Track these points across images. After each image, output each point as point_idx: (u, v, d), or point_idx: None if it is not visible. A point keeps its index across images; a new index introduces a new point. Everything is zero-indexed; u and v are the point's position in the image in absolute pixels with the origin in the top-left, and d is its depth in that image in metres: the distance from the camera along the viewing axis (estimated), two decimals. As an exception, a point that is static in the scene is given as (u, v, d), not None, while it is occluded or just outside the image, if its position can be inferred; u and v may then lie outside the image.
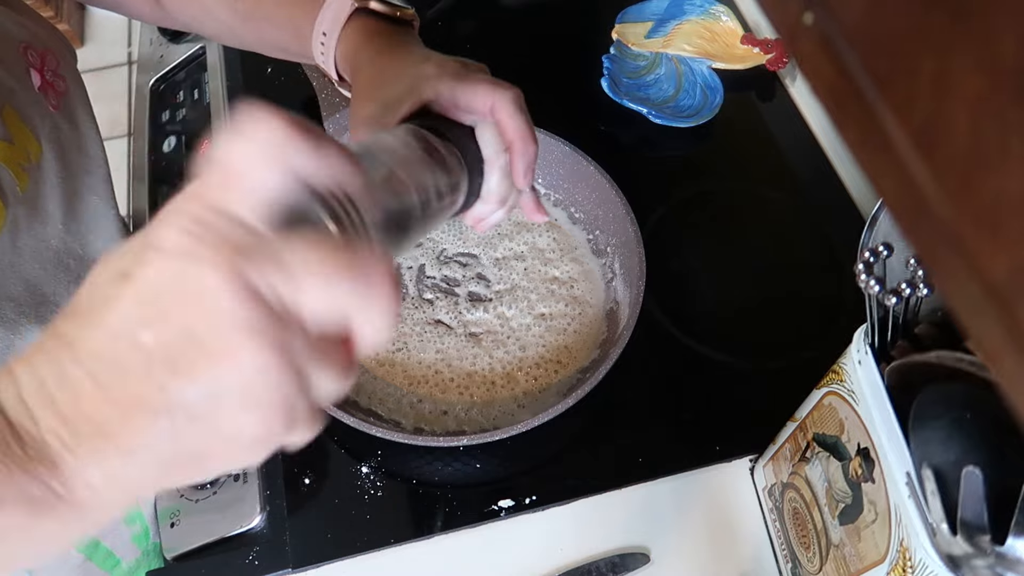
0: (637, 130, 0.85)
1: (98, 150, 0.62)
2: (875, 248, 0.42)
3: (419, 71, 0.45)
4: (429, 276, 0.72)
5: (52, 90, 0.56)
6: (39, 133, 0.54)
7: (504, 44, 0.96)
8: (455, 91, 0.44)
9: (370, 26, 0.50)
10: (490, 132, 0.44)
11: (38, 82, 0.55)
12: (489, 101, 0.43)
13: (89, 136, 0.61)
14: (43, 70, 0.56)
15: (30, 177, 0.52)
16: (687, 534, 0.63)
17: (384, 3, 0.51)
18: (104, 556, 0.63)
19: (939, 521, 0.38)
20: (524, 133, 0.45)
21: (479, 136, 0.45)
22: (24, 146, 0.52)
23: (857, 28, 0.19)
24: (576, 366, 0.67)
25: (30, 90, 0.54)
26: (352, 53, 0.50)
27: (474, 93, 0.44)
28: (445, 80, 0.44)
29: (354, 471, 0.64)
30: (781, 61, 0.87)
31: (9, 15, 0.55)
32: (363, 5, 0.50)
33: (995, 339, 0.18)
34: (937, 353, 0.40)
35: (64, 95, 0.58)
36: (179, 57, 0.93)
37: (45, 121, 0.55)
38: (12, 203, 0.51)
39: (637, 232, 0.67)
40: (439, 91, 0.44)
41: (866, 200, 0.79)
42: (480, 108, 0.44)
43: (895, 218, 0.20)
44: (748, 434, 0.64)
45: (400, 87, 0.45)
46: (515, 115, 0.44)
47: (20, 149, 0.52)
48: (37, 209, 0.54)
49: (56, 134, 0.56)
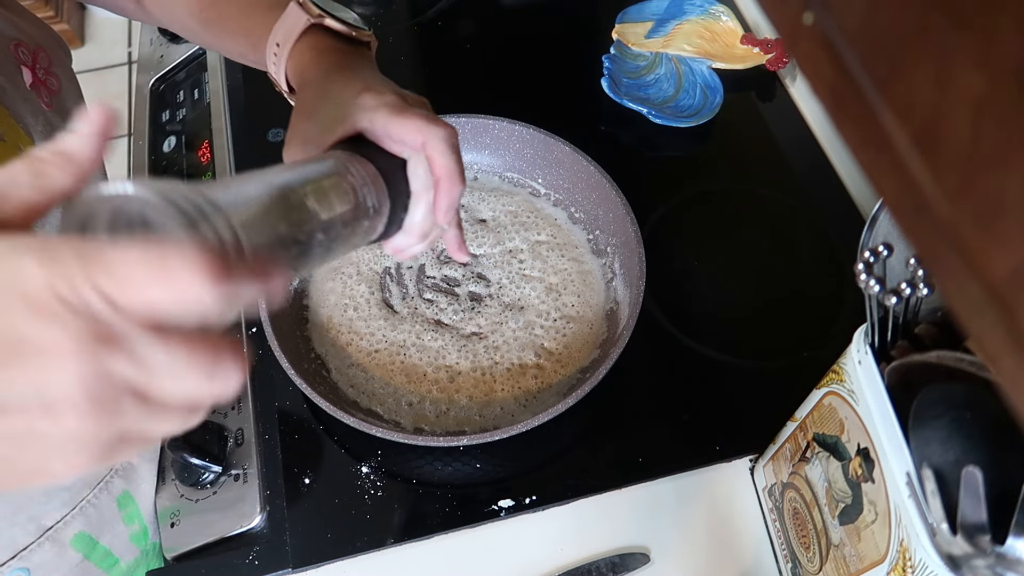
0: (637, 130, 0.85)
1: None
2: (875, 248, 0.42)
3: (358, 99, 0.45)
4: (429, 276, 0.72)
5: (44, 88, 0.57)
6: (32, 131, 0.54)
7: (504, 44, 0.96)
8: (388, 123, 0.44)
9: (323, 43, 0.51)
10: (421, 167, 0.45)
11: (29, 79, 0.55)
12: (421, 137, 0.44)
13: None
14: (35, 68, 0.56)
15: None
16: (687, 534, 0.63)
17: (340, 22, 0.51)
18: (102, 555, 0.63)
19: (939, 521, 0.38)
20: (452, 172, 0.45)
21: (410, 170, 0.45)
22: (15, 143, 0.52)
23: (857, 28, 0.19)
24: (576, 366, 0.67)
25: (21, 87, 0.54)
26: (301, 68, 0.51)
27: (407, 127, 0.44)
28: (381, 111, 0.44)
29: (354, 471, 0.64)
30: (781, 61, 0.87)
31: (1, 14, 0.55)
32: (318, 22, 0.50)
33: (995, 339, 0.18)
34: (937, 353, 0.40)
35: (57, 93, 0.58)
36: (179, 57, 0.93)
37: (38, 119, 0.55)
38: None
39: (637, 232, 0.67)
40: (374, 121, 0.44)
41: (866, 200, 0.79)
42: (411, 143, 0.45)
43: (895, 218, 0.20)
44: (748, 434, 0.64)
45: (338, 112, 0.45)
46: (445, 153, 0.45)
47: (11, 146, 0.52)
48: None
49: (49, 132, 0.56)
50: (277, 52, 0.52)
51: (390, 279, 0.72)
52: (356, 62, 0.50)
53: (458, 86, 0.91)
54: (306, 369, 0.64)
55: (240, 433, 0.65)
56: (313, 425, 0.67)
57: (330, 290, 0.71)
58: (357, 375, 0.67)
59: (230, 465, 0.64)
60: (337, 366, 0.68)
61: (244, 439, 0.65)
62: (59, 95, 0.58)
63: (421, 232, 0.47)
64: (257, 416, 0.67)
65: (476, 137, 0.77)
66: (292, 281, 0.34)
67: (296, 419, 0.67)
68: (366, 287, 0.71)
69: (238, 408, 0.67)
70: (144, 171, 0.86)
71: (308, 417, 0.67)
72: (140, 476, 0.64)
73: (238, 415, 0.66)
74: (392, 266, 0.73)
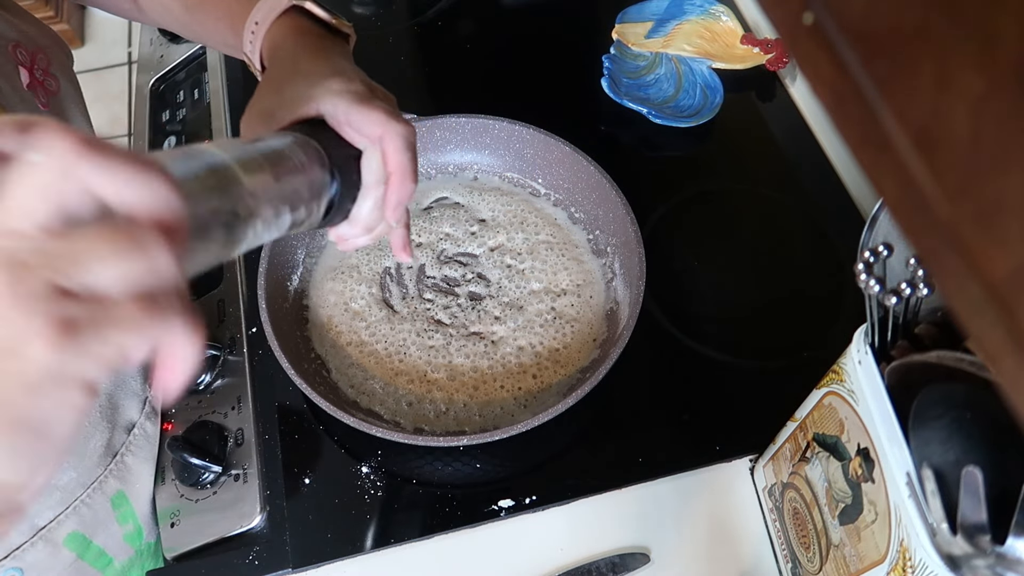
0: (637, 130, 0.85)
1: None
2: (875, 248, 0.42)
3: (326, 81, 0.45)
4: (429, 276, 0.72)
5: (42, 88, 0.57)
6: None
7: (504, 44, 0.96)
8: (350, 111, 0.44)
9: (302, 26, 0.50)
10: (375, 160, 0.45)
11: (27, 80, 0.55)
12: (379, 130, 0.44)
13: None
14: (33, 69, 0.56)
15: None
16: (687, 534, 0.63)
17: (322, 7, 0.51)
18: (96, 555, 0.63)
19: (939, 521, 0.38)
20: (405, 169, 0.45)
21: (364, 161, 0.45)
22: None
23: (857, 28, 0.19)
24: (576, 366, 0.67)
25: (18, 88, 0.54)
26: (276, 46, 0.50)
27: (367, 118, 0.44)
28: (345, 97, 0.44)
29: (354, 471, 0.64)
30: (781, 61, 0.87)
31: (1, 16, 0.55)
32: (299, 3, 0.50)
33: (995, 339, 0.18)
34: (937, 353, 0.40)
35: (55, 94, 0.58)
36: (179, 57, 0.93)
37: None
38: None
39: (637, 232, 0.67)
40: (336, 106, 0.44)
41: (866, 200, 0.79)
42: (369, 134, 0.44)
43: (895, 218, 0.20)
44: (748, 434, 0.64)
45: (304, 91, 0.45)
46: (400, 150, 0.45)
47: None
48: None
49: None
50: (255, 31, 0.52)
51: (390, 279, 0.72)
52: (331, 48, 0.50)
53: (458, 86, 0.91)
54: (306, 369, 0.64)
55: (240, 433, 0.65)
56: (313, 425, 0.67)
57: (330, 290, 0.71)
58: (357, 375, 0.67)
59: (230, 465, 0.64)
60: (337, 366, 0.68)
61: (244, 439, 0.65)
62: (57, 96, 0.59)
63: (366, 225, 0.46)
64: (257, 416, 0.67)
65: (476, 137, 0.77)
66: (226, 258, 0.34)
67: (296, 419, 0.67)
68: (366, 287, 0.71)
69: (238, 408, 0.67)
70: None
71: (308, 417, 0.67)
72: (135, 476, 0.64)
73: (238, 415, 0.66)
74: (392, 266, 0.73)
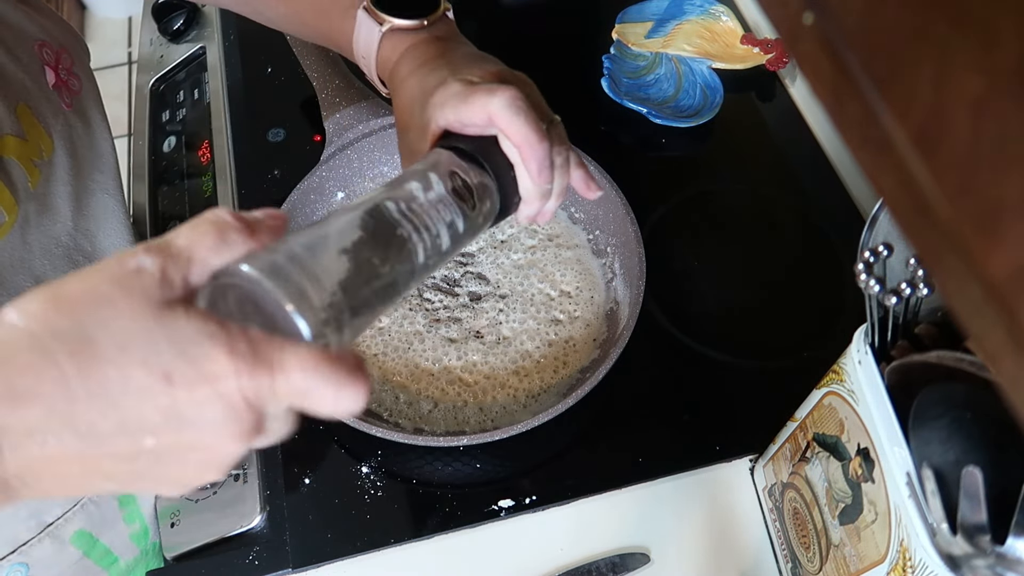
0: (637, 130, 0.85)
1: (109, 148, 0.63)
2: (875, 248, 0.42)
3: (431, 100, 0.46)
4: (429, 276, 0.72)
5: (66, 88, 0.57)
6: (51, 130, 0.54)
7: (504, 44, 0.96)
8: (459, 114, 0.44)
9: (402, 43, 0.51)
10: (505, 140, 0.45)
11: (52, 80, 0.56)
12: (484, 114, 0.43)
13: (100, 134, 0.61)
14: (58, 68, 0.56)
15: (41, 173, 0.53)
16: (687, 534, 0.63)
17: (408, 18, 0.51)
18: (102, 554, 0.63)
19: (939, 521, 0.38)
20: (526, 134, 0.43)
21: (502, 143, 0.45)
22: (36, 142, 0.52)
23: (857, 28, 0.19)
24: (576, 366, 0.67)
25: (44, 88, 0.54)
26: (389, 76, 0.52)
27: (470, 111, 0.44)
28: (449, 105, 0.44)
29: (354, 471, 0.64)
30: (781, 61, 0.87)
31: (28, 13, 0.56)
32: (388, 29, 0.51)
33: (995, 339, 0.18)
34: (937, 353, 0.40)
35: (78, 94, 0.59)
36: (179, 57, 0.93)
37: (58, 119, 0.55)
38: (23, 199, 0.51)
39: (637, 232, 0.67)
40: (447, 118, 0.45)
41: (866, 200, 0.79)
42: (480, 123, 0.44)
43: (895, 218, 0.20)
44: (748, 434, 0.64)
45: (423, 117, 0.46)
46: (513, 120, 0.43)
47: (33, 145, 0.52)
48: (47, 205, 0.54)
49: (68, 131, 0.56)
50: (364, 62, 0.53)
51: (390, 279, 0.72)
52: (433, 52, 0.50)
53: (458, 86, 0.91)
54: (306, 369, 0.64)
55: (240, 433, 0.65)
56: (313, 425, 0.67)
57: (330, 290, 0.71)
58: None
59: (230, 465, 0.64)
60: (337, 366, 0.67)
61: (244, 439, 0.65)
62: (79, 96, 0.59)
63: (539, 195, 0.46)
64: (257, 416, 0.66)
65: (476, 137, 0.77)
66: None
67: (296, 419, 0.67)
68: (366, 287, 0.71)
69: (238, 408, 0.67)
70: (144, 171, 0.85)
71: (308, 417, 0.67)
72: None
73: (238, 415, 0.66)
74: (392, 266, 0.73)
